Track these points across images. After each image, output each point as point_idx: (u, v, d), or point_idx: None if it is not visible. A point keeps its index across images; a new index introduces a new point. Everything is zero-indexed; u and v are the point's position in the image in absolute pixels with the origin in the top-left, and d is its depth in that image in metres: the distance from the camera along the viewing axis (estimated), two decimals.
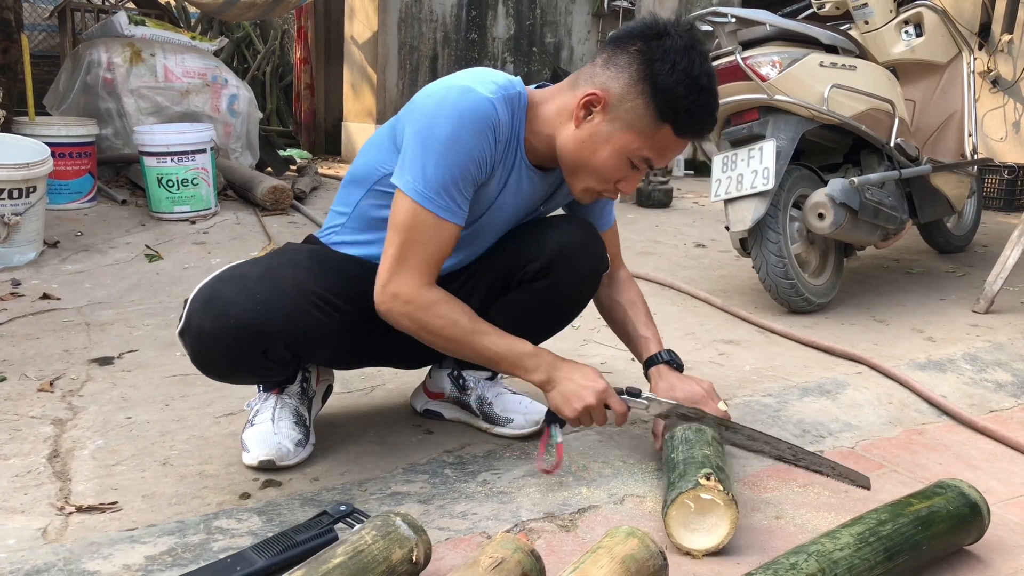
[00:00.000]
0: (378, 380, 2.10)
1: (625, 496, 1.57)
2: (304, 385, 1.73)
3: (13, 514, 1.43)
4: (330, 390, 1.87)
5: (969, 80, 3.48)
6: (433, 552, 1.27)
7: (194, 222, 4.05)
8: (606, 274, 1.82)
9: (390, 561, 1.17)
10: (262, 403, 1.69)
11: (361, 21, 6.64)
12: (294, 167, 5.70)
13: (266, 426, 1.64)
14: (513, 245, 1.67)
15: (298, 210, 4.41)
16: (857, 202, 2.75)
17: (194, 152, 4.07)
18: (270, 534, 1.33)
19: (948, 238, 3.86)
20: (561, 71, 6.50)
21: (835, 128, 2.92)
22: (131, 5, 5.91)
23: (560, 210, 1.81)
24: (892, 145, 2.97)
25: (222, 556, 1.28)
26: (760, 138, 2.77)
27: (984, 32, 5.65)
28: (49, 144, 3.54)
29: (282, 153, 5.83)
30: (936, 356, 2.43)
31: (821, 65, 2.79)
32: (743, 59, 2.74)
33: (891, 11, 3.35)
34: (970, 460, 1.85)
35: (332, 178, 5.35)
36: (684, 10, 6.02)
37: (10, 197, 3.17)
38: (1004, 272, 2.94)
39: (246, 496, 1.51)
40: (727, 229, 2.86)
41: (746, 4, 6.79)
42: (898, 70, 3.36)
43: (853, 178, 2.77)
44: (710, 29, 2.86)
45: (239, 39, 8.30)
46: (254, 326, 1.44)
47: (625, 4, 5.93)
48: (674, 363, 1.74)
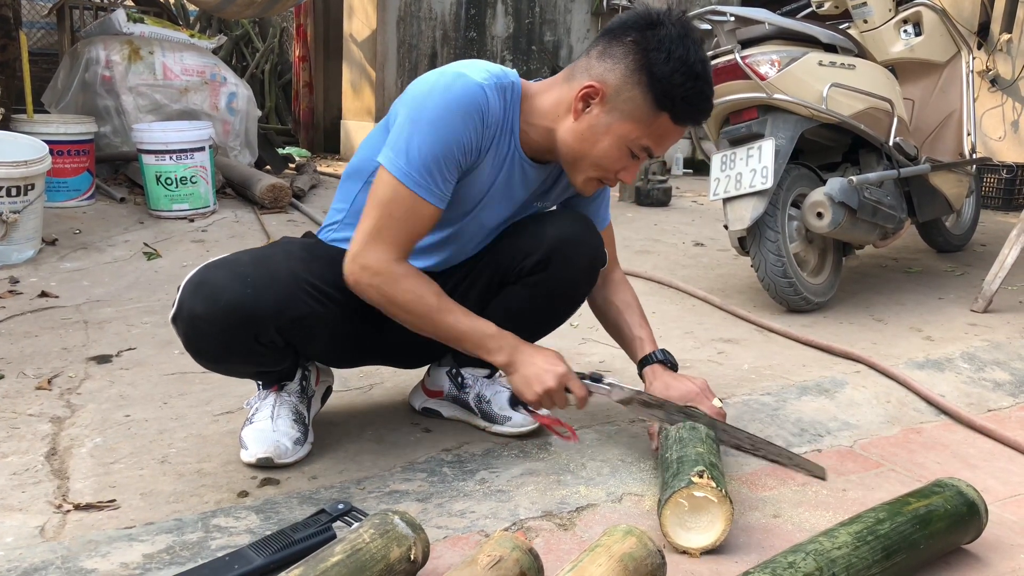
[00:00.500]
0: (376, 378, 2.10)
1: (623, 495, 1.57)
2: (304, 384, 1.73)
3: (11, 512, 1.43)
4: (329, 391, 1.87)
5: (968, 79, 3.48)
6: (431, 550, 1.27)
7: (193, 220, 4.05)
8: (601, 275, 1.82)
9: (388, 559, 1.17)
10: (261, 401, 1.69)
11: (360, 19, 6.64)
12: (293, 165, 5.70)
13: (265, 424, 1.64)
14: (510, 240, 1.68)
15: (297, 208, 4.41)
16: (856, 201, 2.75)
17: (193, 150, 4.06)
18: (268, 532, 1.33)
19: (947, 237, 3.87)
20: (560, 69, 6.49)
21: (834, 127, 2.92)
22: (130, 3, 5.89)
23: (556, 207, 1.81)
24: (891, 144, 2.96)
25: (220, 554, 1.28)
26: (759, 137, 2.77)
27: (983, 31, 5.65)
28: (47, 142, 3.54)
29: (281, 151, 5.82)
30: (934, 355, 2.43)
31: (820, 64, 2.79)
32: (742, 58, 2.73)
33: (890, 10, 3.35)
34: (968, 459, 1.85)
35: (331, 176, 5.34)
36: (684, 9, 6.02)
37: (8, 195, 3.16)
38: (1002, 271, 2.94)
39: (244, 494, 1.51)
40: (726, 228, 2.86)
41: (745, 3, 6.78)
42: (897, 69, 3.36)
43: (852, 177, 2.77)
44: (709, 28, 2.86)
45: (238, 37, 8.29)
46: (245, 309, 1.44)
47: (624, 2, 5.93)
48: (668, 362, 1.74)
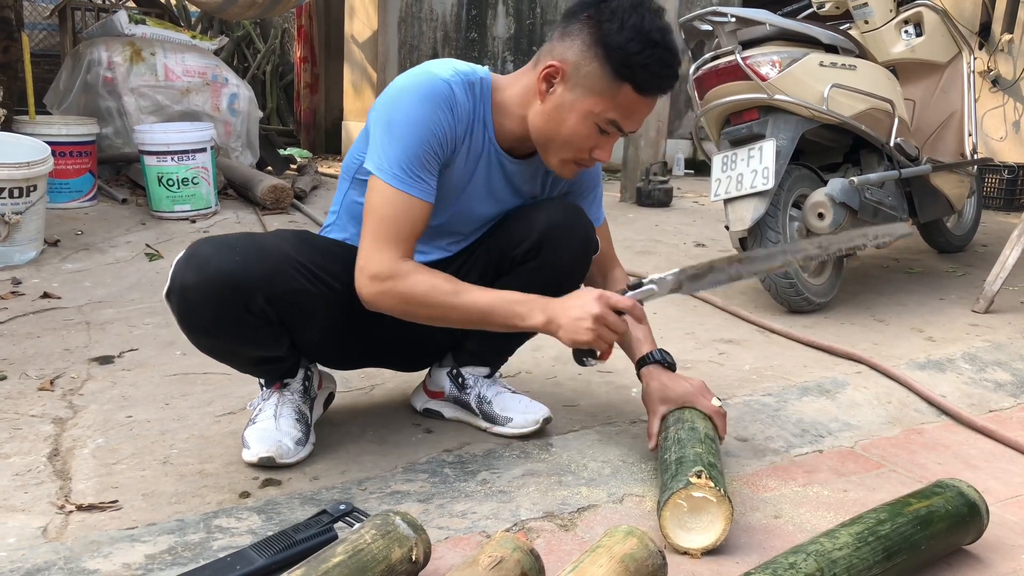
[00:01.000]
0: (378, 379, 2.11)
1: (624, 495, 1.58)
2: (306, 384, 1.74)
3: (13, 513, 1.44)
4: (332, 397, 1.88)
5: (969, 80, 3.48)
6: (432, 551, 1.27)
7: (194, 221, 4.05)
8: (600, 276, 1.82)
9: (389, 560, 1.17)
10: (264, 401, 1.70)
11: (361, 20, 6.64)
12: (294, 166, 5.71)
13: (268, 423, 1.65)
14: (502, 229, 1.69)
15: (298, 209, 4.41)
16: (857, 202, 2.76)
17: (194, 151, 4.07)
18: (270, 533, 1.34)
19: (948, 238, 3.86)
20: None
21: (835, 128, 2.92)
22: (131, 4, 5.90)
23: None
24: (892, 145, 2.96)
25: (222, 555, 1.28)
26: (760, 138, 2.77)
27: (984, 32, 5.65)
28: (49, 143, 3.55)
29: (282, 152, 5.83)
30: (936, 356, 2.43)
31: (821, 65, 2.79)
32: (743, 59, 2.74)
33: (891, 11, 3.35)
34: (969, 460, 1.85)
35: (332, 177, 5.35)
36: (685, 9, 6.01)
37: (11, 196, 3.17)
38: (1004, 272, 2.94)
39: (246, 495, 1.52)
40: (727, 229, 2.86)
41: (746, 4, 6.78)
42: (898, 70, 3.36)
43: (853, 178, 2.77)
44: (710, 29, 2.87)
45: (239, 38, 8.30)
46: (234, 275, 1.46)
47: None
48: (666, 362, 1.72)
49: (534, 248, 1.64)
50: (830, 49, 2.91)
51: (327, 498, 1.50)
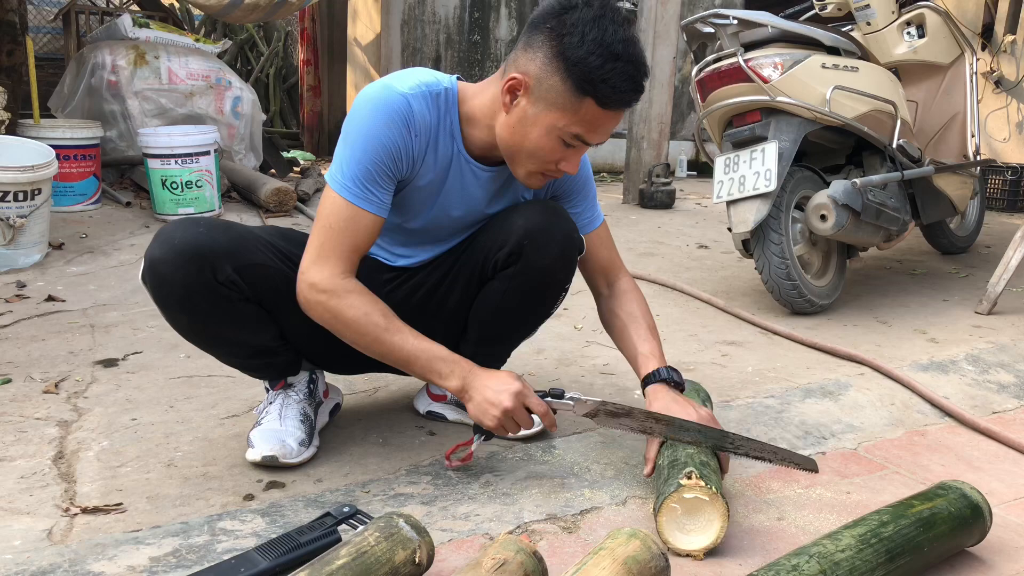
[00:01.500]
0: (381, 382, 2.11)
1: (627, 498, 1.58)
2: (311, 387, 1.75)
3: (19, 515, 1.44)
4: (338, 408, 1.89)
5: (972, 81, 3.48)
6: (436, 553, 1.27)
7: None
8: (606, 285, 1.79)
9: (393, 562, 1.17)
10: (269, 404, 1.71)
11: (364, 23, 6.66)
12: (297, 169, 5.72)
13: (273, 424, 1.66)
14: (484, 234, 1.67)
15: (302, 212, 4.42)
16: (859, 203, 2.76)
17: (198, 154, 4.08)
18: (274, 535, 1.34)
19: (951, 239, 3.86)
20: None
21: (837, 130, 2.93)
22: (135, 8, 5.92)
23: None
24: (894, 146, 2.97)
25: (226, 557, 1.28)
26: (762, 140, 2.77)
27: (987, 33, 5.64)
28: (54, 146, 3.56)
29: (285, 155, 5.84)
30: (939, 357, 2.43)
31: (823, 67, 2.79)
32: (745, 61, 2.74)
33: (893, 12, 3.34)
34: (972, 461, 1.85)
35: None
36: (687, 11, 6.02)
37: (15, 199, 3.18)
38: (1007, 273, 2.94)
39: (250, 497, 1.52)
40: (729, 230, 2.86)
41: (748, 6, 6.79)
42: (900, 71, 3.36)
43: (855, 179, 2.77)
44: (712, 31, 2.87)
45: (243, 41, 8.32)
46: (199, 243, 1.50)
47: (627, 5, 5.92)
48: (673, 381, 1.65)
49: (515, 253, 1.60)
50: (832, 51, 2.91)
51: (331, 500, 1.51)
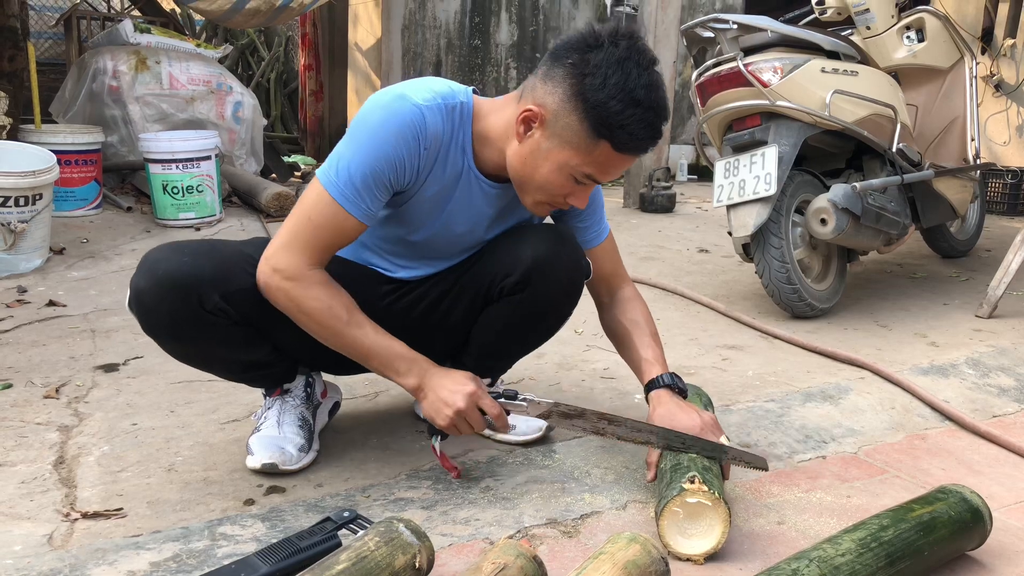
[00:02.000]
0: (382, 386, 2.11)
1: (628, 502, 1.58)
2: (308, 391, 1.75)
3: (19, 520, 1.44)
4: (337, 407, 1.88)
5: (972, 85, 3.48)
6: (436, 558, 1.27)
7: (199, 228, 4.07)
8: (608, 294, 1.79)
9: (393, 567, 1.17)
10: (267, 410, 1.71)
11: (365, 27, 6.67)
12: (298, 173, 5.73)
13: (271, 430, 1.66)
14: (491, 256, 1.65)
15: None
16: (859, 207, 2.76)
17: (199, 159, 4.09)
18: (274, 540, 1.34)
19: (951, 243, 3.86)
20: None
21: (837, 134, 2.93)
22: (137, 13, 5.93)
23: (549, 218, 1.74)
24: (894, 150, 2.97)
25: (226, 562, 1.28)
26: (762, 144, 2.78)
27: (987, 36, 5.65)
28: (55, 152, 3.57)
29: (286, 159, 5.86)
30: (939, 361, 2.43)
31: (823, 71, 2.80)
32: (745, 65, 2.74)
33: (893, 16, 3.35)
34: (973, 465, 1.85)
35: None
36: (687, 16, 6.02)
37: (16, 205, 3.19)
38: (1007, 276, 2.94)
39: (250, 502, 1.52)
40: (730, 234, 2.86)
41: (748, 10, 6.80)
42: (900, 75, 3.37)
43: (855, 183, 2.77)
44: (712, 36, 2.88)
45: (244, 46, 8.33)
46: (182, 274, 1.47)
47: (628, 9, 5.93)
48: (676, 387, 1.65)
49: (522, 282, 1.58)
50: (832, 55, 2.92)
51: (331, 505, 1.51)
